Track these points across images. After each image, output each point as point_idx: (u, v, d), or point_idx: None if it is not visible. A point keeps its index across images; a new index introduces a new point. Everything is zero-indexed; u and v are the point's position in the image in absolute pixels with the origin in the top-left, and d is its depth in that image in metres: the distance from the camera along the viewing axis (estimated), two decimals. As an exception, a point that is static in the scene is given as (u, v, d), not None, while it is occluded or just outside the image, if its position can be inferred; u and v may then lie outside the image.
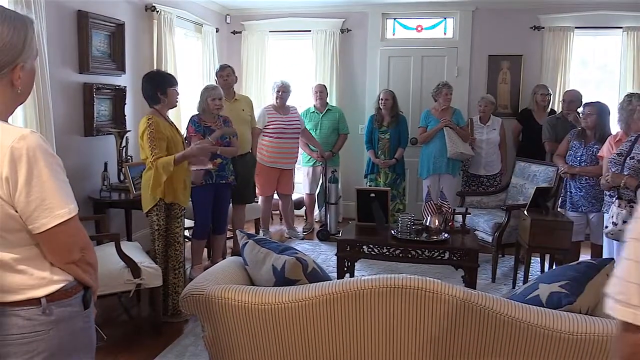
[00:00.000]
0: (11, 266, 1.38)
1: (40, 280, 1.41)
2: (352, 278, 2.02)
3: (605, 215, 3.49)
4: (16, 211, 1.34)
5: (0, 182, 1.31)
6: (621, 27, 5.77)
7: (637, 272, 1.09)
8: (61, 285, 1.44)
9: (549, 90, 5.51)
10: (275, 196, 5.70)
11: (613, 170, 3.38)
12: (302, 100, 6.06)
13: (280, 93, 5.35)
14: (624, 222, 3.18)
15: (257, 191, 5.36)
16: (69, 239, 1.42)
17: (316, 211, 6.18)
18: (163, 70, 4.60)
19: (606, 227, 3.37)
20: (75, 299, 1.47)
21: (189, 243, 4.50)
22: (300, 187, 6.04)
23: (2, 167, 1.30)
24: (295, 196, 5.96)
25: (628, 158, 3.31)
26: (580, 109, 4.64)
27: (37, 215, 1.35)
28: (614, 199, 3.33)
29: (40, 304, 1.40)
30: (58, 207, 1.36)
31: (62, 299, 1.43)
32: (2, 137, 1.31)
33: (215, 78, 4.92)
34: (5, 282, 1.37)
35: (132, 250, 3.44)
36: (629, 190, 3.23)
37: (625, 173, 3.28)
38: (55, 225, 1.36)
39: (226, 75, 4.84)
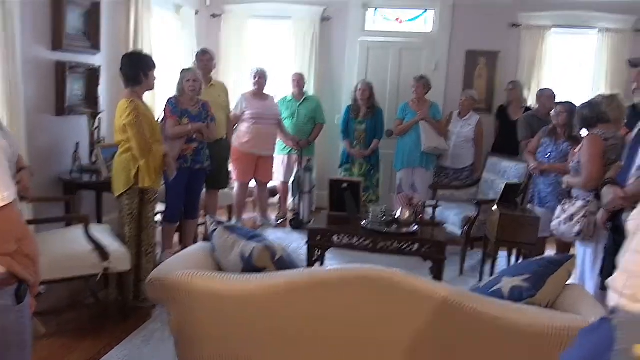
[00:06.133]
0: None
1: None
2: (319, 267, 2.04)
3: None
4: None
5: None
6: (596, 28, 5.87)
7: None
8: None
9: (513, 86, 5.59)
10: (251, 183, 5.69)
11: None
12: (280, 88, 6.04)
13: (257, 79, 5.34)
14: (569, 219, 3.35)
15: (233, 177, 5.35)
16: (3, 228, 1.33)
17: (290, 200, 6.19)
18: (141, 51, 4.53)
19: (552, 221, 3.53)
20: (6, 292, 1.38)
21: (160, 227, 4.47)
22: (275, 175, 6.03)
23: None
24: (269, 184, 5.95)
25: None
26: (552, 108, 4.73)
27: None
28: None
29: None
30: None
31: None
32: None
33: (195, 61, 4.87)
34: None
35: (102, 233, 3.40)
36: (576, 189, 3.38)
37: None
38: None
39: (206, 60, 4.85)
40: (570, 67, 6.20)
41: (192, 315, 2.09)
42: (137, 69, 3.44)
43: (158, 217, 4.59)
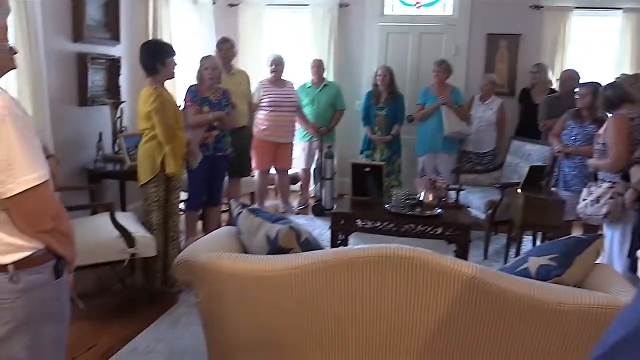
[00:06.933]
0: None
1: (7, 247, 1.37)
2: (345, 247, 2.03)
3: None
4: None
5: None
6: (621, 8, 5.73)
7: None
8: (30, 252, 1.40)
9: (538, 69, 5.51)
10: (272, 171, 5.70)
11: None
12: (299, 75, 6.03)
13: (274, 66, 5.35)
14: (596, 201, 3.29)
15: (253, 165, 5.37)
16: (38, 206, 1.37)
17: (311, 186, 6.19)
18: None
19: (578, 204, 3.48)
20: (45, 267, 1.43)
21: (183, 215, 4.52)
22: (296, 162, 6.04)
23: None
24: (290, 171, 5.97)
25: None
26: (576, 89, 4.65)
27: (3, 179, 1.30)
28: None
29: (7, 271, 1.36)
30: (25, 173, 1.31)
31: (32, 267, 1.40)
32: None
33: (215, 49, 4.91)
34: None
35: (127, 220, 3.45)
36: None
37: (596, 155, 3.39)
38: (23, 191, 1.31)
39: (226, 48, 4.88)
40: (594, 48, 6.08)
41: (219, 296, 2.11)
42: (154, 57, 3.45)
43: (181, 205, 4.64)
